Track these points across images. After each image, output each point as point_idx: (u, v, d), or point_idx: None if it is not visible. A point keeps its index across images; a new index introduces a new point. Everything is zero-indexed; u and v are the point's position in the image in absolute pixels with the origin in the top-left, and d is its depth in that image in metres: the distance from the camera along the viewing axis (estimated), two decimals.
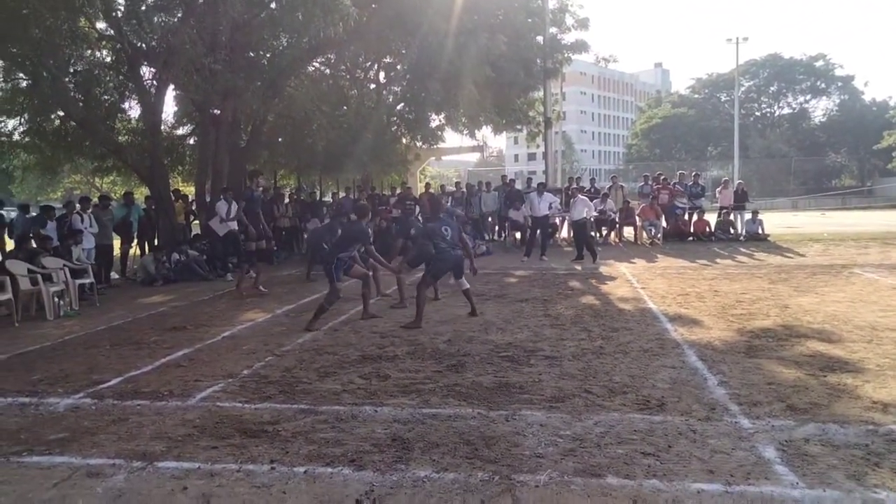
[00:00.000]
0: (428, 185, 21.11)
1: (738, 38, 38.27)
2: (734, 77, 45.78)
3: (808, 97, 66.18)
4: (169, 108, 17.69)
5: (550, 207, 14.08)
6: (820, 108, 66.39)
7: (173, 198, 14.79)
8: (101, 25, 13.65)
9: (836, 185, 54.61)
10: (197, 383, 5.37)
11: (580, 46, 19.64)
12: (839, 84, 64.00)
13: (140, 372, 5.82)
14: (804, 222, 24.34)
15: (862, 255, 13.28)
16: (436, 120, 19.22)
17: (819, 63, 64.19)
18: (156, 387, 5.30)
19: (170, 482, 3.50)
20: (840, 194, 46.68)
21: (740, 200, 17.86)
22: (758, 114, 67.42)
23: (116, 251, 13.59)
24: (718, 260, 13.34)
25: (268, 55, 15.46)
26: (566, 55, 19.69)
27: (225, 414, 4.57)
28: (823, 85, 64.65)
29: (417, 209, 15.68)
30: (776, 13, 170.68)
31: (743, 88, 59.92)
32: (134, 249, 14.29)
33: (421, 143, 20.60)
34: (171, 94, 16.08)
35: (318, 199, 18.80)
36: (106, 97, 14.02)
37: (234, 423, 4.37)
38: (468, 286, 8.06)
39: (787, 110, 67.13)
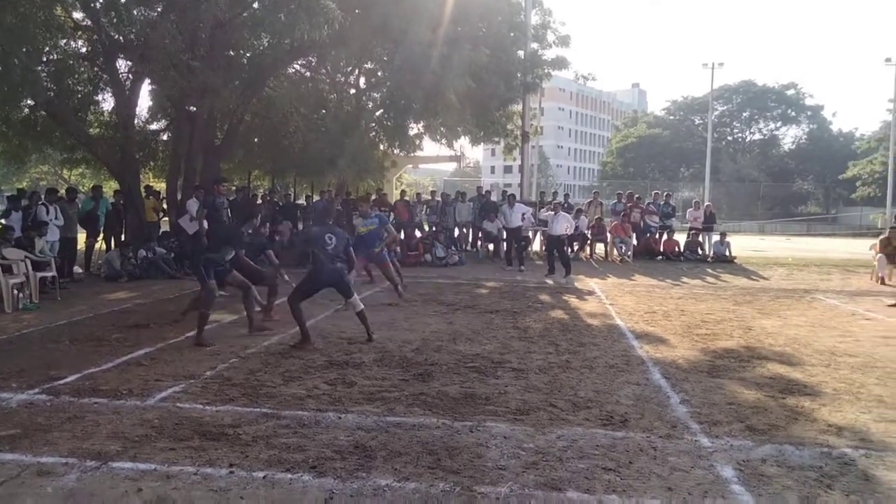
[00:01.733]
0: (403, 193, 21.09)
1: (713, 64, 39.10)
2: (708, 101, 46.76)
3: (779, 124, 67.86)
4: (143, 102, 17.48)
5: (523, 218, 14.24)
6: (790, 136, 68.25)
7: (144, 194, 14.54)
8: (78, 15, 13.42)
9: (802, 211, 55.97)
10: (157, 383, 5.27)
11: (560, 63, 19.88)
12: (809, 113, 65.79)
13: (99, 369, 5.69)
14: (770, 246, 24.87)
15: (824, 281, 13.61)
16: (414, 128, 19.25)
17: (790, 92, 65.93)
18: (115, 385, 5.18)
19: (124, 483, 3.42)
20: (805, 220, 47.86)
21: (709, 222, 18.20)
22: (730, 138, 68.86)
23: (81, 245, 13.29)
24: (686, 280, 13.55)
25: (248, 55, 15.33)
26: (546, 71, 19.89)
27: (185, 415, 4.49)
28: (794, 113, 66.37)
29: (392, 216, 15.68)
30: (752, 40, 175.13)
31: (716, 113, 61.16)
32: (100, 244, 13.99)
33: (399, 151, 20.58)
34: (146, 88, 15.85)
35: (291, 201, 18.64)
36: (79, 88, 13.73)
37: (194, 424, 4.30)
38: (361, 307, 6.99)
39: (758, 136, 68.75)
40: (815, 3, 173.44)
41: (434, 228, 16.80)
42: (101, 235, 13.87)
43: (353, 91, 19.88)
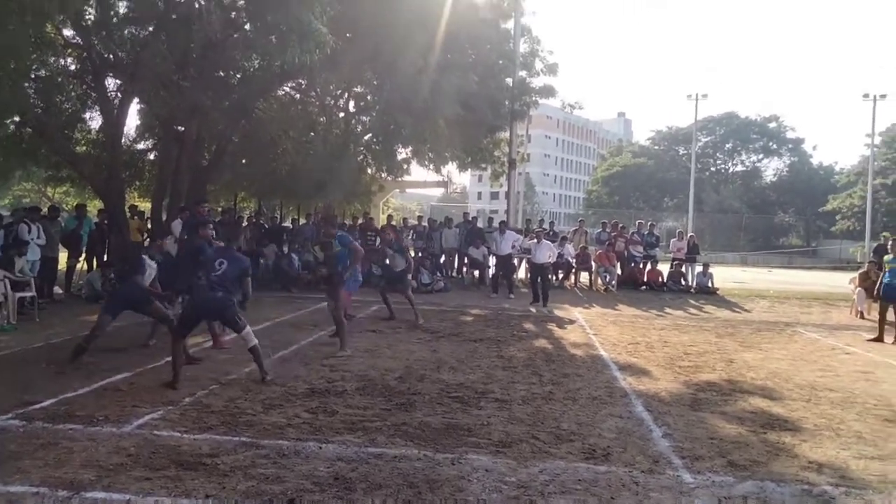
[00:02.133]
0: (390, 217, 21.12)
1: (697, 95, 39.79)
2: (692, 132, 47.55)
3: (761, 156, 69.04)
4: (132, 121, 17.40)
5: (513, 246, 14.29)
6: (771, 168, 69.43)
7: (129, 214, 14.43)
8: (68, 33, 13.41)
9: (784, 243, 56.68)
10: (135, 409, 5.18)
11: (548, 91, 20.16)
12: (790, 146, 67.04)
13: (75, 394, 5.58)
14: (752, 278, 25.11)
15: (805, 314, 13.75)
16: (403, 153, 19.35)
17: (772, 124, 67.24)
18: (91, 411, 5.08)
19: None
20: (787, 253, 48.45)
21: (692, 252, 18.36)
22: (713, 169, 69.90)
23: (62, 265, 13.11)
24: (669, 310, 13.63)
25: (238, 76, 15.39)
26: (534, 98, 20.17)
27: (162, 443, 4.41)
28: (775, 146, 67.62)
29: (378, 240, 15.67)
30: (735, 72, 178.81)
31: (700, 143, 62.16)
32: (81, 264, 13.81)
33: (386, 175, 20.66)
34: (134, 107, 15.83)
35: (278, 223, 18.59)
36: (67, 106, 13.69)
37: (171, 453, 4.22)
38: (253, 343, 6.20)
39: (740, 167, 69.86)
40: (797, 39, 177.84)
41: (420, 254, 16.79)
42: (84, 255, 13.72)
43: (342, 114, 19.99)
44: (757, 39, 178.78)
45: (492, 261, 16.63)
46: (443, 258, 17.78)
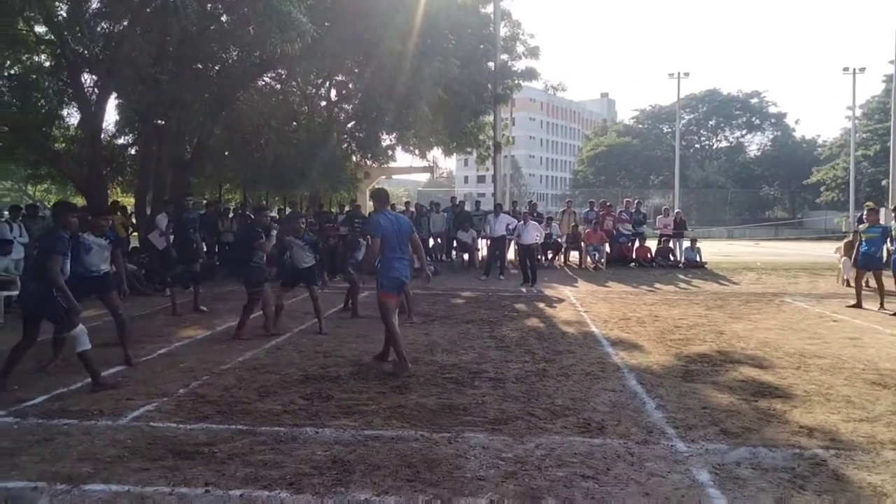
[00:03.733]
0: None
1: (679, 73, 39.73)
2: (675, 110, 47.59)
3: (744, 132, 69.40)
4: (110, 116, 17.16)
5: (507, 228, 14.33)
6: (755, 143, 69.79)
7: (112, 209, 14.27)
8: (40, 29, 13.18)
9: (770, 216, 57.20)
10: (129, 402, 5.17)
11: (530, 74, 20.14)
12: (773, 121, 67.40)
13: (69, 389, 5.56)
14: (739, 251, 25.34)
15: (792, 285, 13.90)
16: (387, 139, 19.26)
17: (754, 100, 67.51)
18: (85, 405, 5.06)
19: None
20: (773, 225, 48.91)
21: (679, 228, 18.49)
22: (697, 146, 70.17)
23: None
24: (658, 286, 13.73)
25: (217, 68, 15.22)
26: (516, 82, 20.15)
27: (158, 434, 4.41)
28: (758, 121, 67.95)
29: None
30: (715, 50, 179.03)
31: (683, 121, 62.26)
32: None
33: (371, 162, 20.58)
34: (112, 102, 15.61)
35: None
36: (43, 103, 13.48)
37: (168, 443, 4.22)
38: (83, 349, 5.50)
39: (724, 143, 70.19)
40: (776, 14, 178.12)
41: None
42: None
43: (324, 103, 19.86)
44: (737, 16, 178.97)
45: (483, 243, 16.64)
46: (431, 242, 17.78)
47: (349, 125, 18.97)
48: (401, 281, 6.37)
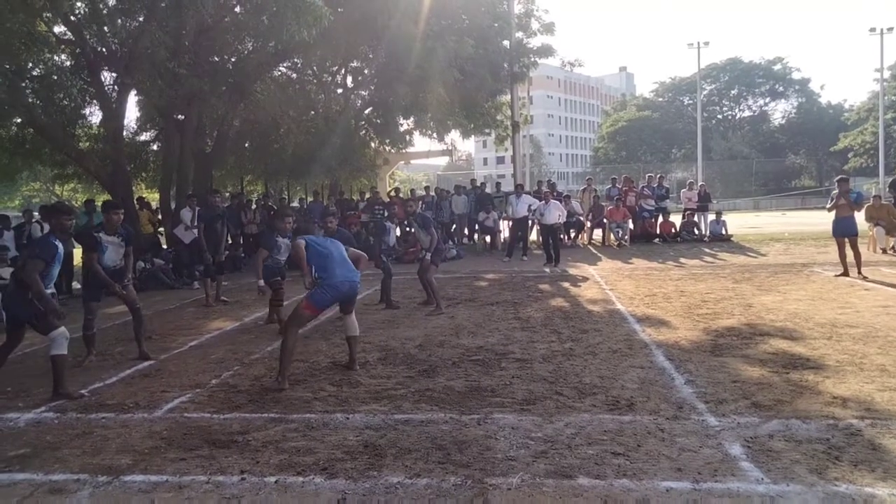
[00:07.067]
0: (397, 190, 21.07)
1: (699, 43, 39.04)
2: (696, 81, 46.75)
3: (768, 100, 67.86)
4: (131, 113, 17.44)
5: (530, 209, 14.26)
6: (779, 111, 68.26)
7: (137, 206, 14.51)
8: (59, 29, 13.35)
9: (796, 185, 56.06)
10: (164, 394, 5.28)
11: (546, 51, 19.86)
12: (797, 87, 65.77)
13: (104, 384, 5.69)
14: (766, 222, 24.92)
15: (821, 254, 13.65)
16: (404, 124, 19.22)
17: (777, 67, 65.88)
18: (121, 399, 5.18)
19: (137, 496, 3.43)
20: (800, 195, 47.95)
21: (704, 201, 18.23)
22: (719, 116, 68.88)
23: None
24: (684, 260, 13.58)
25: (233, 59, 15.29)
26: (532, 59, 19.88)
27: (193, 425, 4.50)
28: (781, 88, 66.36)
29: (387, 213, 15.68)
30: (735, 17, 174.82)
31: (705, 92, 61.15)
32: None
33: (389, 148, 20.59)
34: (133, 98, 15.82)
35: (286, 204, 18.64)
36: (66, 102, 13.69)
37: (203, 433, 4.31)
38: (58, 353, 5.29)
39: (747, 113, 68.76)
40: None
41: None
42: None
43: (340, 90, 19.87)
44: None
45: (505, 225, 16.56)
46: (454, 226, 17.77)
47: (366, 111, 18.96)
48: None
